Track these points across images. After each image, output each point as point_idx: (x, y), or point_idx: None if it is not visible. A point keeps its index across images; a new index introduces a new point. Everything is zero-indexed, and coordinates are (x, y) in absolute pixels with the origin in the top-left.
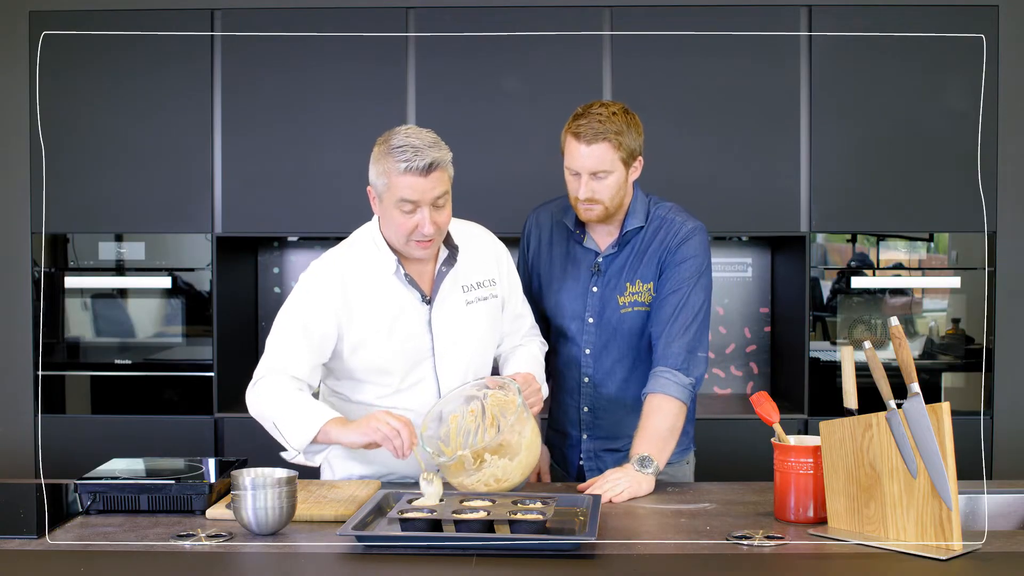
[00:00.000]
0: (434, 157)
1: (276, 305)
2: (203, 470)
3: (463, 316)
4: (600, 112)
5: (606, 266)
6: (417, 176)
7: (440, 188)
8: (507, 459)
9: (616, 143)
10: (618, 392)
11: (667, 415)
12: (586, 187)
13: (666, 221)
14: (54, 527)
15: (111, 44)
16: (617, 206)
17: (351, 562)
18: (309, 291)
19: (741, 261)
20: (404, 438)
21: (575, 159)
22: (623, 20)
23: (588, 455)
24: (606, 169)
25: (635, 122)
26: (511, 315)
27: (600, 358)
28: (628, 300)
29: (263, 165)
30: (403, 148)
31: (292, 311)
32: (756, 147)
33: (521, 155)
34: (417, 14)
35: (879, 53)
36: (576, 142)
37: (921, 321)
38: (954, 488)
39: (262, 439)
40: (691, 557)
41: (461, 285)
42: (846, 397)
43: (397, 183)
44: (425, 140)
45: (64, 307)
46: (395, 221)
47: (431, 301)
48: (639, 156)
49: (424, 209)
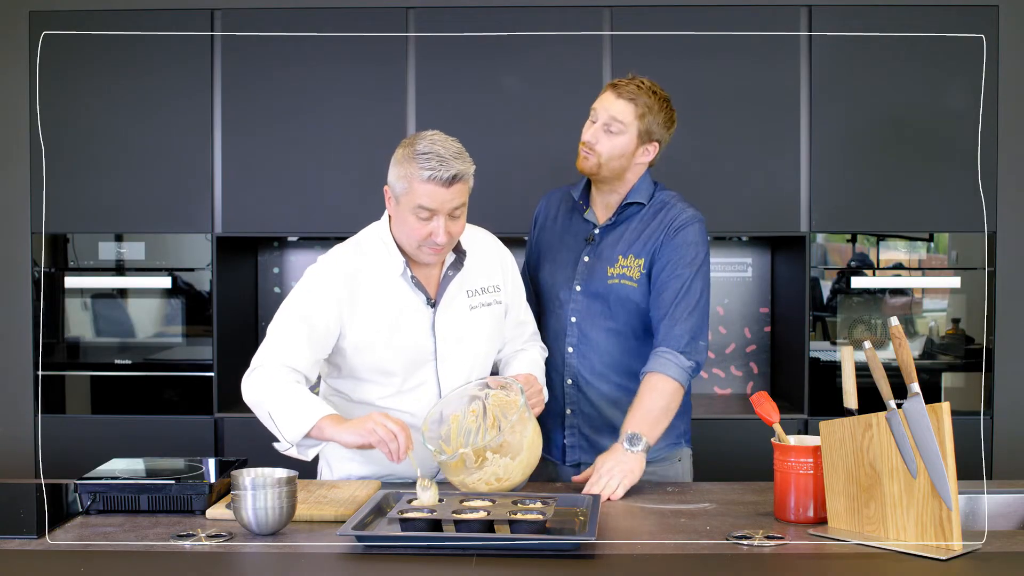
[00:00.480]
0: (459, 169)
1: (276, 305)
2: (203, 470)
3: (467, 320)
4: (644, 82)
5: (601, 237)
6: (439, 186)
7: (459, 199)
8: (508, 458)
9: (642, 110)
10: (601, 366)
11: (662, 394)
12: (595, 131)
13: (667, 205)
14: (54, 527)
15: (111, 44)
16: (613, 171)
17: (351, 562)
18: (314, 284)
19: (741, 261)
20: (400, 442)
21: (601, 103)
22: (623, 20)
23: (571, 432)
24: (620, 122)
25: (669, 111)
26: (514, 321)
27: (583, 328)
28: (617, 272)
29: (263, 165)
30: (428, 155)
31: (296, 303)
32: (756, 147)
33: (521, 155)
34: (417, 14)
35: (879, 53)
36: (610, 92)
37: (921, 321)
38: (954, 488)
39: (262, 439)
40: (691, 557)
41: (466, 290)
42: (846, 397)
43: (417, 190)
44: (451, 150)
45: (64, 307)
46: (409, 226)
47: (436, 304)
48: (656, 142)
49: (440, 218)
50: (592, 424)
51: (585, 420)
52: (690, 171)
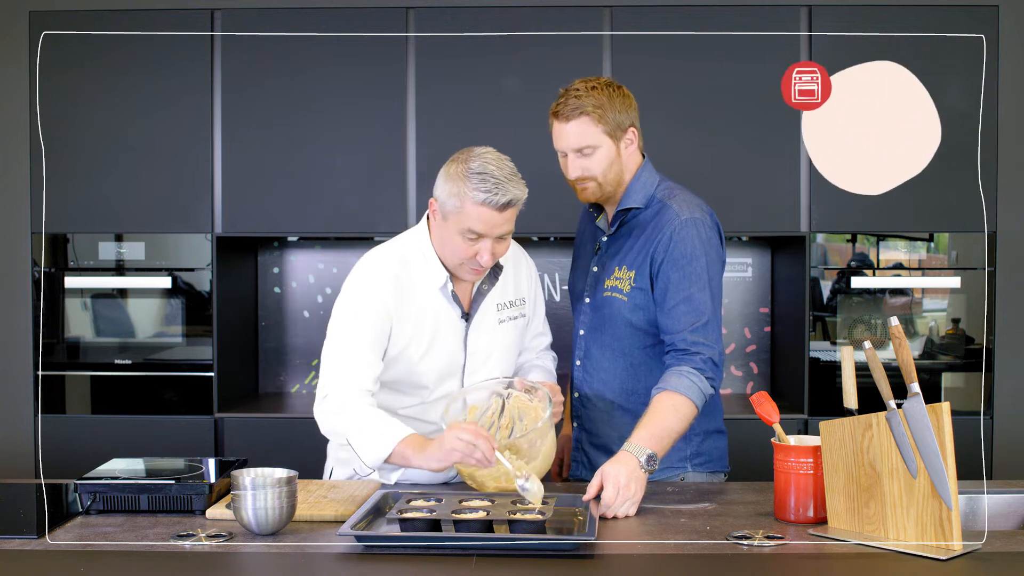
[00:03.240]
0: (514, 195)
1: (276, 305)
2: (203, 470)
3: (495, 335)
4: (579, 88)
5: (607, 246)
6: (492, 210)
7: (509, 225)
8: (523, 461)
9: (597, 116)
10: (599, 384)
11: (683, 419)
12: (574, 165)
13: (664, 209)
14: (54, 527)
15: (111, 44)
16: (614, 182)
17: (351, 562)
18: (366, 295)
19: (741, 261)
20: (483, 448)
21: (558, 139)
22: (623, 20)
23: (576, 446)
24: (590, 144)
25: (621, 94)
26: (533, 332)
27: (588, 343)
28: (610, 284)
29: (263, 165)
30: (484, 176)
31: (352, 317)
32: (756, 147)
33: (521, 155)
34: (417, 14)
35: (879, 53)
36: (557, 121)
37: (921, 321)
38: (954, 488)
39: (262, 439)
40: (691, 557)
41: (496, 303)
42: (846, 397)
43: (470, 212)
44: (505, 172)
45: (64, 307)
46: (455, 244)
47: (470, 318)
48: (630, 128)
49: (488, 240)
50: (592, 442)
51: (587, 436)
52: (690, 171)
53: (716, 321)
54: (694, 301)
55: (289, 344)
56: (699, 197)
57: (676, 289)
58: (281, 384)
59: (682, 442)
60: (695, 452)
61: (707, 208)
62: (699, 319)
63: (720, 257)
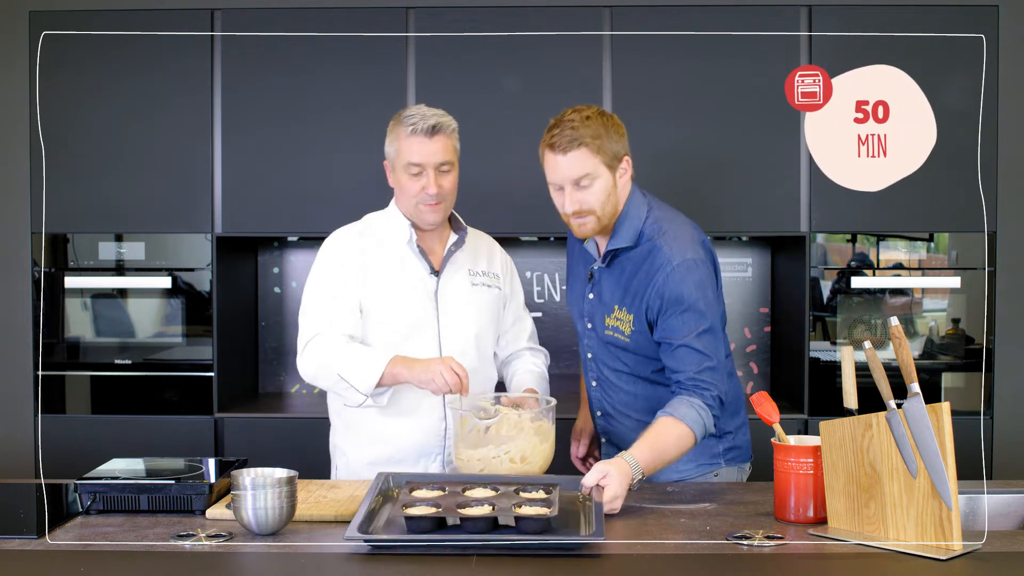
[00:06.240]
0: (439, 120)
1: (276, 305)
2: (203, 470)
3: (468, 293)
4: (573, 118)
5: (599, 276)
6: (422, 137)
7: (444, 155)
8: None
9: (595, 147)
10: (621, 405)
11: (681, 451)
12: (571, 199)
13: (654, 251)
14: (54, 527)
15: (111, 44)
16: (611, 214)
17: (351, 562)
18: (332, 254)
19: (741, 261)
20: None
21: (555, 171)
22: (623, 20)
23: (605, 456)
24: (589, 174)
25: (614, 123)
26: (512, 316)
27: (600, 367)
28: (612, 323)
29: (263, 165)
30: (411, 115)
31: (321, 276)
32: (756, 147)
33: (521, 155)
34: (417, 14)
35: (879, 53)
36: (553, 153)
37: (921, 321)
38: (954, 488)
39: (262, 439)
40: (691, 557)
41: (468, 268)
42: (846, 397)
43: (404, 147)
44: (432, 110)
45: (64, 307)
46: (403, 185)
47: (439, 274)
48: (624, 157)
49: (429, 172)
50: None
51: (617, 452)
52: (690, 171)
53: (720, 359)
54: (697, 344)
55: (289, 344)
56: (688, 223)
57: (678, 335)
58: (281, 384)
59: (714, 440)
60: (728, 447)
61: (697, 236)
62: (704, 362)
63: (716, 291)
